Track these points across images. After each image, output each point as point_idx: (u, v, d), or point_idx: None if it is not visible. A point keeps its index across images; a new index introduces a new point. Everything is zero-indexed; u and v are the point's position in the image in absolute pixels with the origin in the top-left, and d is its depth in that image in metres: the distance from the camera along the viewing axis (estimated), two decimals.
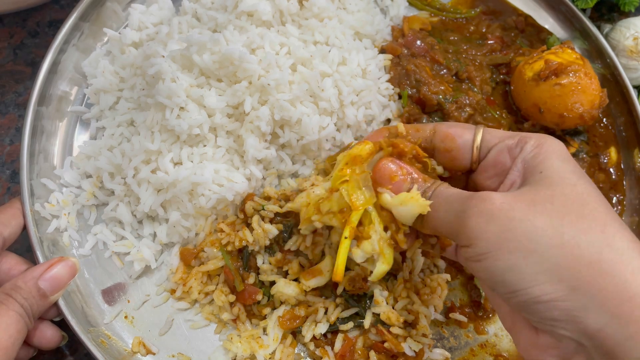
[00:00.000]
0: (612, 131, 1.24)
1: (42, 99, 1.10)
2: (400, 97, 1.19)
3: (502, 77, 1.24)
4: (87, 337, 0.96)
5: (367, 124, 1.15)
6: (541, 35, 1.30)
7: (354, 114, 1.11)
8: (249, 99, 1.03)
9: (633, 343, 0.60)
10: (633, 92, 1.21)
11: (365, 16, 1.22)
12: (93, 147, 1.09)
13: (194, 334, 1.03)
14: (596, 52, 1.27)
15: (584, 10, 1.30)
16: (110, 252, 1.06)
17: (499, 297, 0.71)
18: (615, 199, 1.19)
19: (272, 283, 1.01)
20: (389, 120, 1.18)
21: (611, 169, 1.21)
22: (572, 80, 1.08)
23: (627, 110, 1.23)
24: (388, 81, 1.18)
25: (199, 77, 1.05)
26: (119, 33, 1.17)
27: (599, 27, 1.30)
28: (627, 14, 1.36)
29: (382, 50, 1.23)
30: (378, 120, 1.16)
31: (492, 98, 1.21)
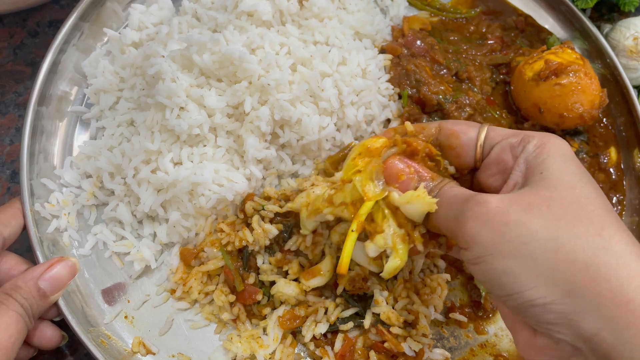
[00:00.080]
0: (612, 131, 1.24)
1: (42, 99, 1.10)
2: (400, 97, 1.19)
3: (502, 77, 1.24)
4: (87, 337, 0.96)
5: (367, 124, 1.15)
6: (541, 35, 1.30)
7: (354, 114, 1.11)
8: (249, 99, 1.03)
9: (628, 348, 0.59)
10: (633, 92, 1.21)
11: (365, 16, 1.22)
12: (93, 147, 1.09)
13: (194, 334, 1.03)
14: (596, 52, 1.27)
15: (584, 10, 1.30)
16: (110, 252, 1.06)
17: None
18: (615, 199, 1.19)
19: (272, 283, 1.01)
20: (389, 121, 1.18)
21: (611, 169, 1.21)
22: (572, 80, 1.08)
23: (627, 110, 1.23)
24: (388, 81, 1.18)
25: (199, 77, 1.05)
26: (119, 33, 1.17)
27: (599, 27, 1.30)
28: (627, 14, 1.36)
29: (382, 50, 1.23)
30: (378, 120, 1.16)
31: (492, 98, 1.21)
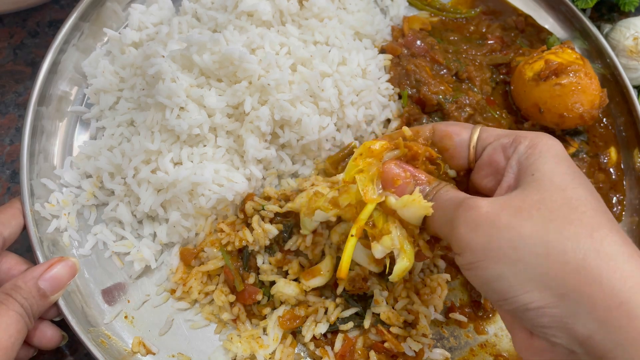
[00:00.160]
0: (612, 131, 1.24)
1: (42, 99, 1.10)
2: (400, 97, 1.19)
3: (502, 77, 1.24)
4: (87, 337, 0.96)
5: (367, 124, 1.15)
6: (541, 35, 1.30)
7: (354, 114, 1.11)
8: (249, 99, 1.03)
9: (622, 350, 0.59)
10: (633, 92, 1.21)
11: (365, 16, 1.22)
12: (93, 147, 1.09)
13: (194, 334, 1.03)
14: (596, 52, 1.27)
15: (584, 10, 1.30)
16: (110, 252, 1.06)
17: None
18: (615, 199, 1.19)
19: (272, 283, 1.01)
20: (389, 121, 1.18)
21: (611, 169, 1.21)
22: (572, 80, 1.08)
23: (627, 110, 1.23)
24: (388, 81, 1.18)
25: (199, 77, 1.05)
26: (119, 33, 1.16)
27: (599, 27, 1.30)
28: (627, 14, 1.36)
29: (382, 50, 1.23)
30: (378, 120, 1.16)
31: (492, 98, 1.21)
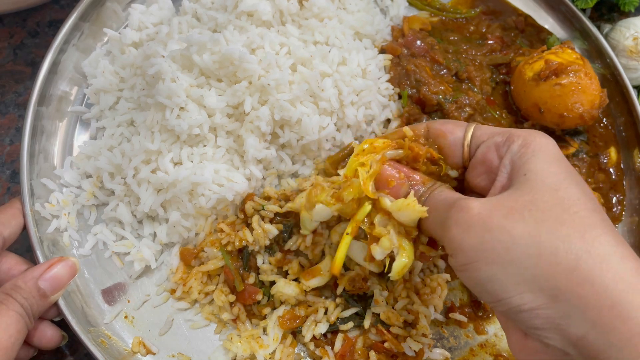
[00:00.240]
0: (612, 131, 1.24)
1: (42, 99, 1.10)
2: (400, 97, 1.19)
3: (502, 77, 1.24)
4: (87, 337, 0.96)
5: (367, 124, 1.15)
6: (541, 35, 1.30)
7: (354, 114, 1.11)
8: (249, 99, 1.03)
9: (615, 351, 0.59)
10: (633, 92, 1.21)
11: (365, 16, 1.22)
12: (93, 147, 1.09)
13: (194, 334, 1.03)
14: (596, 52, 1.27)
15: (583, 10, 1.30)
16: (110, 252, 1.06)
17: None
18: (615, 199, 1.19)
19: (272, 283, 1.01)
20: (389, 121, 1.18)
21: (611, 169, 1.21)
22: (572, 80, 1.08)
23: (627, 110, 1.23)
24: (388, 81, 1.18)
25: (199, 77, 1.05)
26: (119, 33, 1.16)
27: (598, 27, 1.30)
28: (627, 14, 1.36)
29: (382, 50, 1.23)
30: (378, 120, 1.16)
31: (492, 98, 1.21)
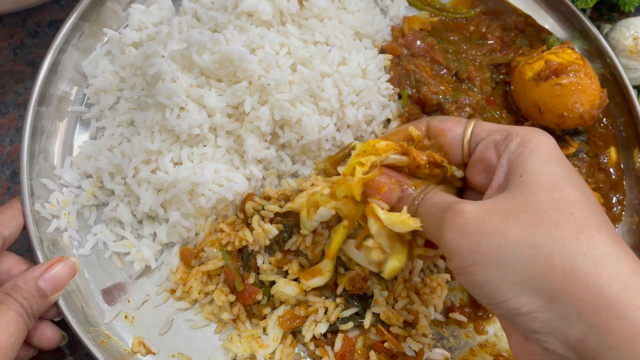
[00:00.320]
0: (612, 131, 1.24)
1: (42, 99, 1.10)
2: (400, 97, 1.19)
3: (502, 77, 1.24)
4: (87, 337, 0.96)
5: (367, 124, 1.15)
6: (541, 35, 1.30)
7: (354, 114, 1.11)
8: (249, 99, 1.03)
9: (611, 353, 0.58)
10: (633, 92, 1.21)
11: (365, 16, 1.22)
12: (93, 147, 1.09)
13: (194, 333, 1.03)
14: (596, 52, 1.27)
15: (583, 10, 1.30)
16: (110, 252, 1.06)
17: None
18: (615, 199, 1.19)
19: (272, 283, 1.01)
20: (389, 120, 1.18)
21: (611, 169, 1.21)
22: (573, 80, 1.08)
23: (627, 110, 1.23)
24: (388, 81, 1.18)
25: (199, 77, 1.05)
26: (119, 33, 1.16)
27: (598, 27, 1.30)
28: (627, 14, 1.36)
29: (382, 50, 1.23)
30: (378, 120, 1.16)
31: (492, 98, 1.21)
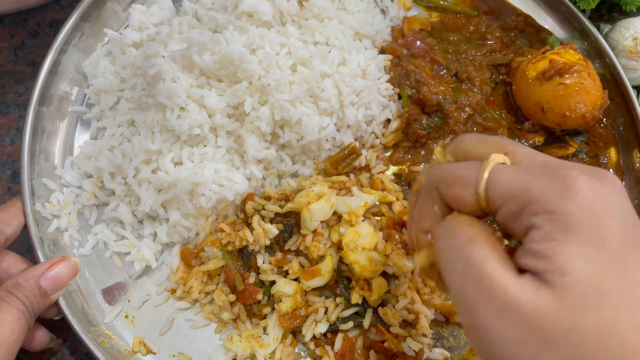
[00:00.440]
0: (612, 131, 1.24)
1: (42, 99, 1.10)
2: (400, 97, 1.19)
3: (501, 77, 1.24)
4: (88, 337, 0.96)
5: (367, 124, 1.15)
6: (541, 35, 1.30)
7: (354, 114, 1.11)
8: (249, 99, 1.03)
9: None
10: (633, 92, 1.21)
11: (365, 16, 1.22)
12: (94, 147, 1.09)
13: (194, 333, 1.03)
14: (595, 52, 1.27)
15: (583, 10, 1.30)
16: (111, 252, 1.06)
17: None
18: None
19: (272, 283, 1.01)
20: (388, 121, 1.18)
21: (611, 169, 1.21)
22: (576, 80, 1.07)
23: (627, 110, 1.23)
24: (388, 81, 1.19)
25: (199, 78, 1.05)
26: (120, 33, 1.17)
27: (598, 28, 1.30)
28: (626, 14, 1.37)
29: (382, 51, 1.23)
30: (378, 121, 1.16)
31: (492, 98, 1.22)
